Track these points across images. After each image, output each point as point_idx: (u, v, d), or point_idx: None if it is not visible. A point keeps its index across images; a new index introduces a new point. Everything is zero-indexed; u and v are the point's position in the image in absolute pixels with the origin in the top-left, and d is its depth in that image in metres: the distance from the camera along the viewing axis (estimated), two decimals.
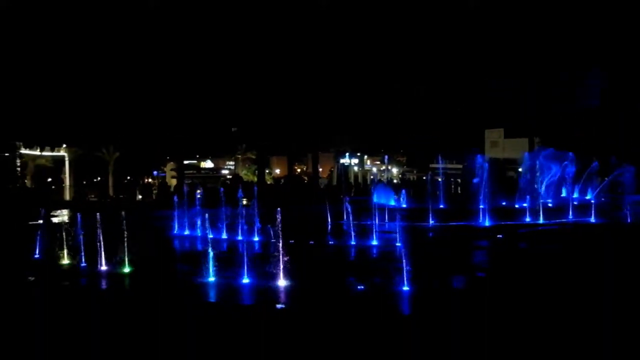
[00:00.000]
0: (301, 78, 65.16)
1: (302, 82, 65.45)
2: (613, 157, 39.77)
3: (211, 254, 16.86)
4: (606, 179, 40.74)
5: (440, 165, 53.83)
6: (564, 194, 38.33)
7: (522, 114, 72.10)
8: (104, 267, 18.84)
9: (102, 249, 19.05)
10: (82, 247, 19.81)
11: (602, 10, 60.53)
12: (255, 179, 77.92)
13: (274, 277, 15.90)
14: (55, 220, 36.42)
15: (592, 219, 31.42)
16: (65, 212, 43.47)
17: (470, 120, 74.77)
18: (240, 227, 25.91)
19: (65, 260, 20.32)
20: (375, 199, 36.48)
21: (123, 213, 19.77)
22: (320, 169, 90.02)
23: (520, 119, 71.73)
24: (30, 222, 30.02)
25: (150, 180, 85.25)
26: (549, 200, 35.90)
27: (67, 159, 66.27)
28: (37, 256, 21.42)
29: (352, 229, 24.67)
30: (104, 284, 17.67)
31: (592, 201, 35.15)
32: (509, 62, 67.69)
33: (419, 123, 79.84)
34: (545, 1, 63.65)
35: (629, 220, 29.99)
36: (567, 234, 28.40)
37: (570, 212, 32.37)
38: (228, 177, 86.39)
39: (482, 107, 74.85)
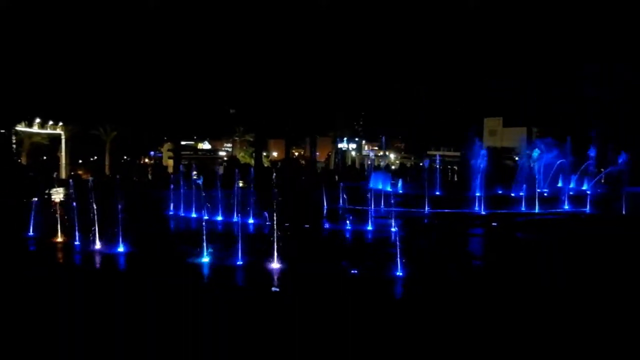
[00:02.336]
0: (301, 62, 64.79)
1: (301, 65, 65.09)
2: (610, 145, 39.79)
3: (206, 235, 16.82)
4: (602, 170, 40.87)
5: (438, 152, 53.84)
6: (560, 184, 38.40)
7: (521, 104, 71.88)
8: (97, 246, 18.79)
9: (97, 227, 19.00)
10: (77, 226, 19.82)
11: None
12: (252, 162, 77.87)
13: (268, 259, 15.89)
14: (50, 198, 36.39)
15: (588, 210, 31.44)
16: (61, 190, 43.35)
17: (469, 109, 74.52)
18: (235, 209, 25.85)
19: (60, 239, 20.31)
20: (371, 184, 36.51)
21: (118, 193, 19.72)
22: (318, 153, 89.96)
23: (519, 108, 71.52)
24: (26, 200, 29.92)
25: (146, 160, 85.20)
26: (545, 190, 35.93)
27: (63, 137, 66.05)
28: (31, 234, 21.39)
29: (347, 213, 24.68)
30: (96, 263, 17.65)
31: (588, 192, 35.19)
32: (509, 58, 67.27)
33: (417, 111, 79.81)
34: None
35: (624, 212, 30.03)
36: (562, 223, 28.43)
37: (566, 202, 32.41)
38: (225, 159, 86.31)
39: (481, 97, 74.56)
